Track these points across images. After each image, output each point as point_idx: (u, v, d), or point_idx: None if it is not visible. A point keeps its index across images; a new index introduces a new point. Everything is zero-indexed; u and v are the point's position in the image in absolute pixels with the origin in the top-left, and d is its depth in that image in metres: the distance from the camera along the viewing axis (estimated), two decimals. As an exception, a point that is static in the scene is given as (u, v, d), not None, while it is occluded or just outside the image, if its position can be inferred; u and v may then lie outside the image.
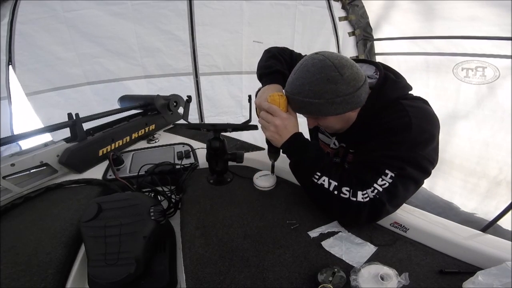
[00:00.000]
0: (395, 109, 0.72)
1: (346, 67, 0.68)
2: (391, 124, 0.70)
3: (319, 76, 0.67)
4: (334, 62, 0.67)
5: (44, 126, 1.04)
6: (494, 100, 2.02)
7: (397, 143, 0.67)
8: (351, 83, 0.68)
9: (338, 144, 0.91)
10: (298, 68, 0.72)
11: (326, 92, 0.68)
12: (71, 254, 0.69)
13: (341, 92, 0.68)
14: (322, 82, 0.67)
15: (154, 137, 1.42)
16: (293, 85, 0.73)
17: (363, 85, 0.71)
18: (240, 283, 0.58)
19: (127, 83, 2.68)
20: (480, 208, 2.14)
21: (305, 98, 0.70)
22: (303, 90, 0.70)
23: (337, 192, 0.68)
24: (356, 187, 0.67)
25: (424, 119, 0.70)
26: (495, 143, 2.03)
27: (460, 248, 0.63)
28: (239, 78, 2.87)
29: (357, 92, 0.69)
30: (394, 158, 0.66)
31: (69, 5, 2.27)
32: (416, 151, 0.66)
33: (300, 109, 0.75)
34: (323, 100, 0.68)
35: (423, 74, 2.37)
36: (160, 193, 0.88)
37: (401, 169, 0.65)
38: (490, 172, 2.09)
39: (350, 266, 0.60)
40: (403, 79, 0.79)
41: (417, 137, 0.67)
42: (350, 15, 2.73)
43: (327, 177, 0.69)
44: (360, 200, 0.66)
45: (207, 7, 2.54)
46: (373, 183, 0.66)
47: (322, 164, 0.72)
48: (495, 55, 1.95)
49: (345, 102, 0.69)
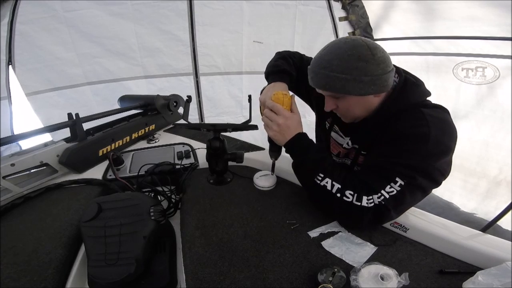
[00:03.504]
0: (415, 116, 0.70)
1: (378, 49, 0.68)
2: (408, 132, 0.67)
3: (350, 52, 0.66)
4: (367, 42, 0.68)
5: (44, 126, 1.04)
6: (494, 100, 2.02)
7: (411, 152, 0.65)
8: (381, 65, 0.67)
9: (351, 145, 0.87)
10: (327, 46, 0.71)
11: (355, 69, 0.66)
12: (71, 254, 0.69)
13: (369, 72, 0.66)
14: (353, 59, 0.66)
15: (154, 137, 1.42)
16: (320, 60, 0.71)
17: (391, 71, 0.70)
18: (240, 283, 0.58)
19: (127, 83, 2.69)
20: (480, 208, 2.14)
21: (332, 72, 0.68)
22: (331, 64, 0.68)
23: (339, 195, 0.67)
24: (361, 191, 0.66)
25: (442, 131, 0.67)
26: (495, 143, 2.03)
27: (460, 248, 0.63)
28: (239, 78, 2.88)
29: (385, 76, 0.68)
30: (406, 166, 0.65)
31: (69, 5, 2.27)
32: (429, 162, 0.65)
33: (323, 85, 0.72)
34: (350, 77, 0.66)
35: (423, 74, 2.36)
36: (160, 193, 0.88)
37: (412, 178, 0.64)
38: (490, 172, 2.09)
39: (350, 266, 0.60)
40: (423, 84, 0.78)
41: (433, 149, 0.65)
42: (350, 15, 2.73)
43: (330, 179, 0.69)
44: (364, 205, 0.65)
45: (207, 7, 2.54)
46: (381, 190, 0.65)
47: (325, 165, 0.71)
48: (495, 55, 1.95)
49: (371, 83, 0.67)
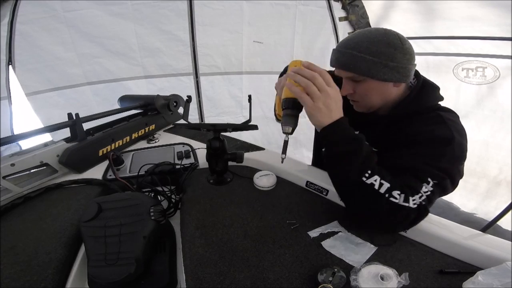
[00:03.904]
0: (435, 119, 0.72)
1: (407, 41, 0.71)
2: (434, 134, 0.69)
3: (381, 38, 0.69)
4: (398, 33, 0.71)
5: (44, 126, 1.04)
6: (494, 100, 2.02)
7: (440, 154, 0.66)
8: (407, 55, 0.70)
9: None
10: (357, 32, 0.73)
11: (383, 54, 0.68)
12: (71, 254, 0.69)
13: (396, 59, 0.69)
14: (382, 44, 0.68)
15: (154, 137, 1.42)
16: (348, 41, 0.72)
17: (414, 66, 0.73)
18: (240, 283, 0.58)
19: (127, 83, 2.69)
20: (480, 208, 2.14)
21: (359, 53, 0.69)
22: (360, 46, 0.69)
23: (388, 195, 0.62)
24: (407, 192, 0.63)
25: (461, 135, 0.70)
26: (495, 143, 2.03)
27: (460, 248, 0.63)
28: (239, 78, 2.88)
29: (409, 66, 0.71)
30: (436, 168, 0.65)
31: (69, 5, 2.27)
32: (455, 164, 0.67)
33: (347, 64, 0.72)
34: (377, 59, 0.68)
35: (423, 74, 2.35)
36: (160, 193, 0.88)
37: (441, 179, 0.65)
38: (490, 172, 2.09)
39: (350, 266, 0.60)
40: (439, 89, 0.80)
41: (457, 152, 0.67)
42: (350, 15, 2.73)
43: (379, 177, 0.62)
44: (411, 206, 0.63)
45: (207, 7, 2.54)
46: (420, 190, 0.64)
47: (374, 161, 0.65)
48: (495, 55, 1.95)
49: (396, 70, 0.69)
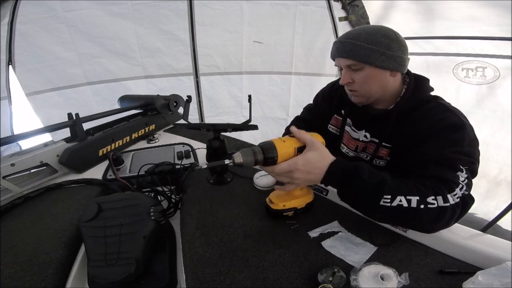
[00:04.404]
0: (440, 108, 0.75)
1: (401, 36, 0.77)
2: (447, 122, 0.71)
3: (377, 31, 0.75)
4: (393, 29, 0.77)
5: (44, 126, 1.04)
6: (494, 100, 2.02)
7: (459, 139, 0.68)
8: (401, 47, 0.76)
9: (370, 138, 0.88)
10: (356, 27, 0.82)
11: (380, 43, 0.74)
12: (71, 254, 0.69)
13: (392, 49, 0.74)
14: (380, 35, 0.74)
15: (154, 137, 1.42)
16: (348, 34, 0.79)
17: (408, 59, 0.79)
18: (240, 283, 0.58)
19: (127, 83, 2.69)
20: (480, 208, 2.14)
21: (358, 41, 0.75)
22: (359, 36, 0.75)
23: (423, 206, 0.59)
24: (441, 191, 0.60)
25: (466, 118, 0.74)
26: (495, 143, 2.03)
27: (460, 248, 0.63)
28: (239, 78, 2.88)
29: (403, 57, 0.77)
30: (462, 153, 0.66)
31: (69, 5, 2.27)
32: (475, 146, 0.69)
33: (348, 52, 0.77)
34: (375, 47, 0.74)
35: (423, 74, 2.35)
36: (160, 193, 0.88)
37: (471, 163, 0.66)
38: (490, 172, 2.09)
39: (350, 266, 0.60)
40: (429, 80, 0.84)
41: (471, 134, 0.70)
42: (350, 15, 2.73)
43: (402, 196, 0.59)
44: (452, 202, 0.60)
45: (207, 7, 2.55)
46: (458, 180, 0.62)
47: (388, 184, 0.61)
48: (495, 55, 1.95)
49: (392, 58, 0.75)
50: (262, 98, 2.93)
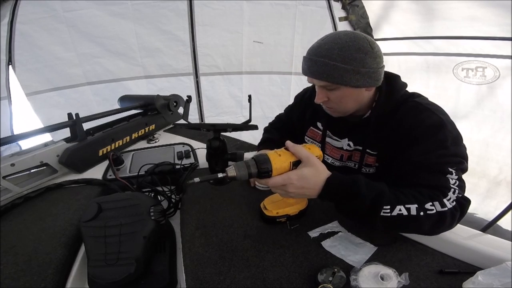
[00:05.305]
0: (417, 108, 0.72)
1: (375, 44, 0.71)
2: (427, 123, 0.69)
3: (351, 43, 0.68)
4: (367, 36, 0.71)
5: (44, 126, 1.04)
6: (494, 100, 2.01)
7: (443, 140, 0.66)
8: (377, 59, 0.70)
9: (354, 146, 0.86)
10: (326, 37, 0.73)
11: (354, 60, 0.68)
12: (71, 254, 0.69)
13: (367, 64, 0.69)
14: (353, 50, 0.68)
15: (154, 137, 1.42)
16: (319, 48, 0.71)
17: (383, 68, 0.74)
18: (240, 283, 0.58)
19: (127, 83, 2.69)
20: (480, 208, 2.14)
21: (331, 61, 0.68)
22: (331, 53, 0.69)
23: (422, 213, 0.59)
24: (437, 197, 0.61)
25: (444, 113, 0.71)
26: (495, 143, 2.03)
27: (460, 248, 0.63)
28: (239, 78, 2.88)
29: (379, 70, 0.72)
30: (448, 155, 0.65)
31: (69, 5, 2.27)
32: (459, 143, 0.68)
33: (320, 73, 0.71)
34: (350, 67, 0.68)
35: (423, 74, 2.36)
36: (160, 193, 0.88)
37: (459, 163, 0.66)
38: (490, 172, 2.08)
39: (350, 266, 0.60)
40: (399, 76, 0.81)
41: (453, 131, 0.68)
42: (350, 15, 2.72)
43: (401, 205, 0.60)
44: (450, 206, 0.61)
45: (207, 7, 2.54)
46: (449, 184, 0.63)
47: (386, 195, 0.61)
48: (495, 55, 1.95)
49: (368, 75, 0.70)
50: (262, 98, 2.93)
